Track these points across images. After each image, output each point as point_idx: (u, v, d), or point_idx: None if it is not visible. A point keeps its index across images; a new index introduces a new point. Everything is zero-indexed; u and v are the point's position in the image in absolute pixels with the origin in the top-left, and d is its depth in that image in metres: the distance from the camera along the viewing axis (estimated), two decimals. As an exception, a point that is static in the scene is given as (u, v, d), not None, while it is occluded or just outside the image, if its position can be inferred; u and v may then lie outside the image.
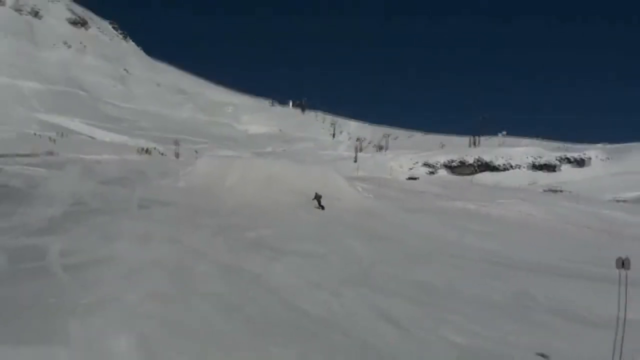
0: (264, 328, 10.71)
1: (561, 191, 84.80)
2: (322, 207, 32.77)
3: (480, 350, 10.80)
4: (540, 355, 10.91)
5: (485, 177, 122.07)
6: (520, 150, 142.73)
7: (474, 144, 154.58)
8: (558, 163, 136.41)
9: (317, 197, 33.07)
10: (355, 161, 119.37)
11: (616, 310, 9.63)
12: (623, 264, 10.10)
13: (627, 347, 9.56)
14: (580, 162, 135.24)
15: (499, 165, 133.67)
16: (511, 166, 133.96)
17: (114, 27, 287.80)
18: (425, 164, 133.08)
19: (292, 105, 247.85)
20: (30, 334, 9.34)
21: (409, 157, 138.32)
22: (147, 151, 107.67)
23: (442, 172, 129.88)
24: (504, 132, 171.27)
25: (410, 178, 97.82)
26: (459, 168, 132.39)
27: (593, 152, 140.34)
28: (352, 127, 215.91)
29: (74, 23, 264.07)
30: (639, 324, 10.39)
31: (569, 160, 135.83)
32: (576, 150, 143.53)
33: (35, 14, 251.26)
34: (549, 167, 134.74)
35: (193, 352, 9.08)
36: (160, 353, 8.93)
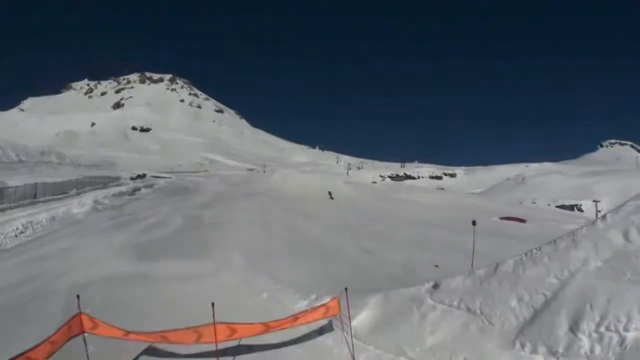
0: (305, 252, 23.31)
1: (443, 189, 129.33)
2: (332, 198, 60.10)
3: (407, 263, 22.69)
4: (435, 266, 21.94)
5: (408, 182, 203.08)
6: (424, 169, 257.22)
7: (403, 166, 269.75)
8: (442, 175, 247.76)
9: (329, 193, 61.14)
10: (347, 174, 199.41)
11: (471, 244, 20.61)
12: (474, 222, 21.83)
13: (475, 264, 19.41)
14: (453, 175, 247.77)
15: (415, 176, 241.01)
16: (420, 177, 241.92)
17: (235, 112, 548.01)
18: (380, 176, 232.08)
19: (319, 148, 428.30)
20: (193, 255, 20.85)
21: (373, 172, 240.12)
22: (251, 170, 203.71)
23: (388, 180, 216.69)
24: (416, 161, 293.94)
25: (373, 182, 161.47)
26: (396, 177, 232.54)
27: (459, 170, 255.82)
28: (346, 158, 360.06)
29: (217, 111, 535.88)
30: (480, 252, 20.58)
31: (448, 174, 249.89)
32: (450, 170, 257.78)
33: (199, 106, 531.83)
34: (438, 177, 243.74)
35: (269, 263, 20.21)
36: (255, 262, 19.98)
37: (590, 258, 8.62)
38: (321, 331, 11.42)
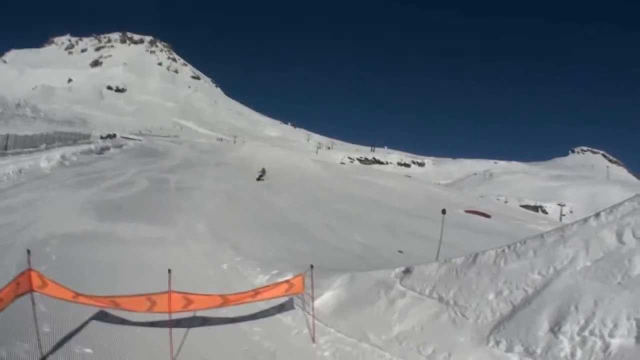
0: (269, 226, 22.93)
1: (410, 177, 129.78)
2: (261, 178, 48.97)
3: (371, 245, 22.56)
4: (399, 251, 21.90)
5: (376, 167, 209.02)
6: (393, 155, 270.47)
7: (372, 150, 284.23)
8: (411, 163, 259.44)
9: (261, 172, 49.48)
10: (317, 153, 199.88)
11: (435, 233, 21.04)
12: (444, 211, 21.63)
13: (442, 254, 19.02)
14: (421, 164, 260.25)
15: (384, 162, 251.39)
16: (389, 162, 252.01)
17: (212, 80, 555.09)
18: (349, 158, 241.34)
19: (290, 124, 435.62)
20: (158, 219, 20.62)
21: (343, 153, 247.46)
22: (221, 139, 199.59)
23: (357, 162, 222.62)
24: (386, 147, 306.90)
25: (342, 163, 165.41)
26: (365, 161, 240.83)
27: (428, 160, 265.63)
28: (317, 137, 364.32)
29: (194, 77, 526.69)
30: (444, 242, 19.92)
31: (416, 163, 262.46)
32: (420, 159, 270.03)
33: (176, 71, 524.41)
34: (406, 165, 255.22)
35: (232, 233, 20.07)
36: (218, 232, 19.85)
37: (580, 257, 8.15)
38: (281, 309, 10.93)
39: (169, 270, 8.43)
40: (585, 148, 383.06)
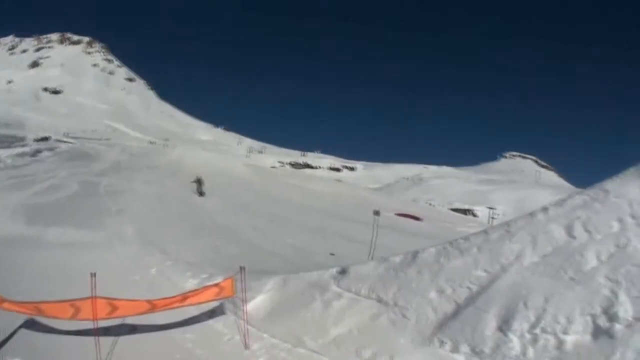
0: (199, 229, 22.09)
1: (341, 181, 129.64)
2: (201, 192, 35.10)
3: (302, 247, 22.14)
4: (331, 254, 21.38)
5: (307, 171, 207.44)
6: (325, 160, 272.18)
7: (304, 155, 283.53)
8: (342, 168, 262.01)
9: (197, 182, 35.84)
10: (248, 157, 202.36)
11: (366, 236, 20.94)
12: (377, 212, 21.29)
13: (374, 255, 19.30)
14: (352, 169, 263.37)
15: (315, 166, 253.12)
16: (320, 167, 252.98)
17: (146, 83, 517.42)
18: (280, 162, 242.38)
19: (222, 128, 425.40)
20: (86, 223, 19.92)
21: (274, 157, 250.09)
22: (153, 143, 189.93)
23: (288, 167, 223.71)
24: (317, 151, 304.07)
25: (273, 167, 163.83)
26: (295, 165, 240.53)
27: (359, 165, 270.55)
28: (248, 141, 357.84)
29: (128, 80, 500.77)
30: (376, 245, 20.42)
31: (347, 167, 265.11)
32: (351, 163, 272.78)
33: (110, 73, 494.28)
34: (337, 170, 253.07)
35: (161, 237, 19.44)
36: (147, 235, 19.21)
37: (526, 252, 7.81)
38: (211, 314, 10.31)
39: (93, 274, 8.27)
40: (515, 153, 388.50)
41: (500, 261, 7.99)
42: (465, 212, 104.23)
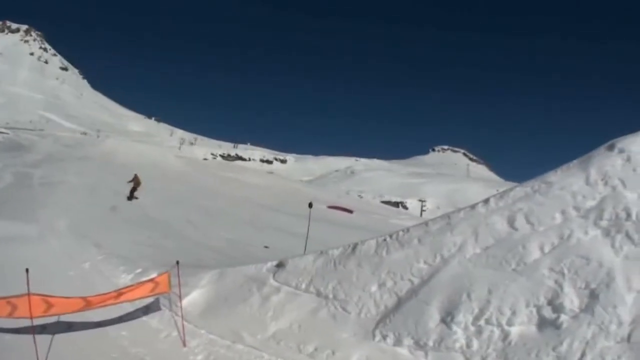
0: (132, 222, 21.43)
1: (273, 173, 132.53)
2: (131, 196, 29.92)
3: (237, 240, 21.84)
4: (265, 246, 21.19)
5: (239, 163, 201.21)
6: (256, 152, 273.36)
7: (235, 146, 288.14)
8: (273, 160, 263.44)
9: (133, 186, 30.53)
10: (179, 149, 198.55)
11: (299, 228, 20.90)
12: (310, 205, 21.28)
13: (308, 248, 18.84)
14: (284, 161, 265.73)
15: (246, 158, 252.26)
16: (251, 159, 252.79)
17: (79, 72, 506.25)
18: (212, 154, 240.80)
19: (154, 119, 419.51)
20: (19, 216, 19.01)
21: (205, 149, 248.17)
22: (85, 134, 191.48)
23: (219, 159, 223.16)
24: (249, 143, 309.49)
25: (204, 159, 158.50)
26: (227, 157, 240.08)
27: (290, 157, 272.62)
28: (180, 132, 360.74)
29: (62, 69, 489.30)
30: (310, 237, 20.34)
31: (279, 160, 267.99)
32: (282, 155, 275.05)
33: (45, 62, 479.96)
34: (269, 162, 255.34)
35: (94, 230, 18.77)
36: (80, 229, 18.55)
37: (468, 244, 7.80)
38: (147, 310, 9.94)
39: (27, 270, 8.03)
40: (445, 147, 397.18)
41: (441, 253, 7.97)
42: (396, 204, 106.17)
